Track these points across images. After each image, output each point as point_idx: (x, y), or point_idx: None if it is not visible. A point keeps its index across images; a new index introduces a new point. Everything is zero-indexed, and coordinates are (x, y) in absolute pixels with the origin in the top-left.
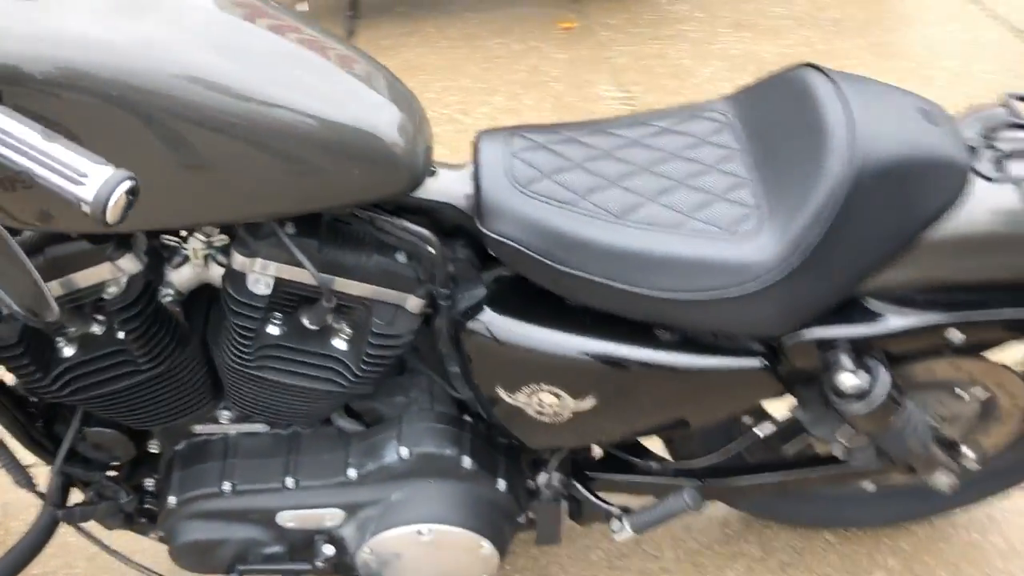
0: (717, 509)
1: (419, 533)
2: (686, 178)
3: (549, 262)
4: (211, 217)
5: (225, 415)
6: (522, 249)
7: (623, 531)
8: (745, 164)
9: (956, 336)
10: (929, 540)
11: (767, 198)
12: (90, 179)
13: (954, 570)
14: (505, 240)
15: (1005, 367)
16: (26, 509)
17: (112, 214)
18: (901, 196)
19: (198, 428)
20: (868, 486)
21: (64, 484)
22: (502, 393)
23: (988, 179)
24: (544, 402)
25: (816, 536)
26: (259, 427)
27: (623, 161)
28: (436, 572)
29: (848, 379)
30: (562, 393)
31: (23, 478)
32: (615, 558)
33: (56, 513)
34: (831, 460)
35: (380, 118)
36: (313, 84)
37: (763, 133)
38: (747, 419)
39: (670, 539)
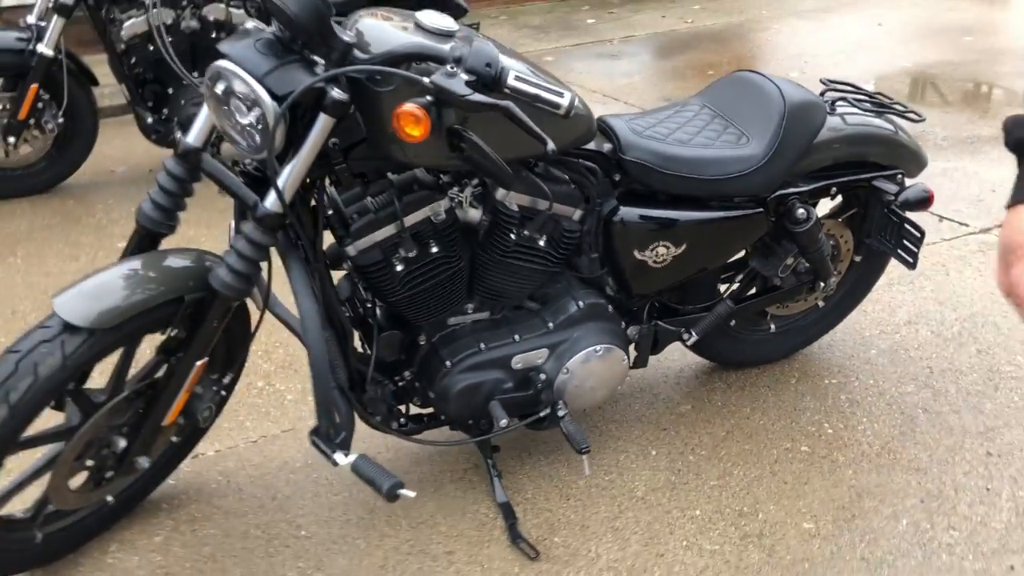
0: (684, 371)
1: (595, 351)
2: (703, 128)
3: (660, 169)
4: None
5: (469, 307)
6: (647, 164)
7: (692, 337)
8: (725, 120)
9: (833, 191)
10: (808, 360)
11: (746, 130)
12: (565, 95)
13: (826, 370)
14: (638, 160)
15: (841, 222)
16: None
17: (572, 113)
18: (805, 122)
19: (451, 320)
20: (772, 327)
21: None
22: (636, 253)
23: (830, 114)
24: (659, 253)
25: (749, 371)
26: (483, 315)
27: (672, 123)
28: (600, 379)
29: (800, 211)
30: (669, 244)
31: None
32: (648, 404)
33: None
34: (772, 290)
35: (585, 103)
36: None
37: (726, 105)
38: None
39: (671, 388)
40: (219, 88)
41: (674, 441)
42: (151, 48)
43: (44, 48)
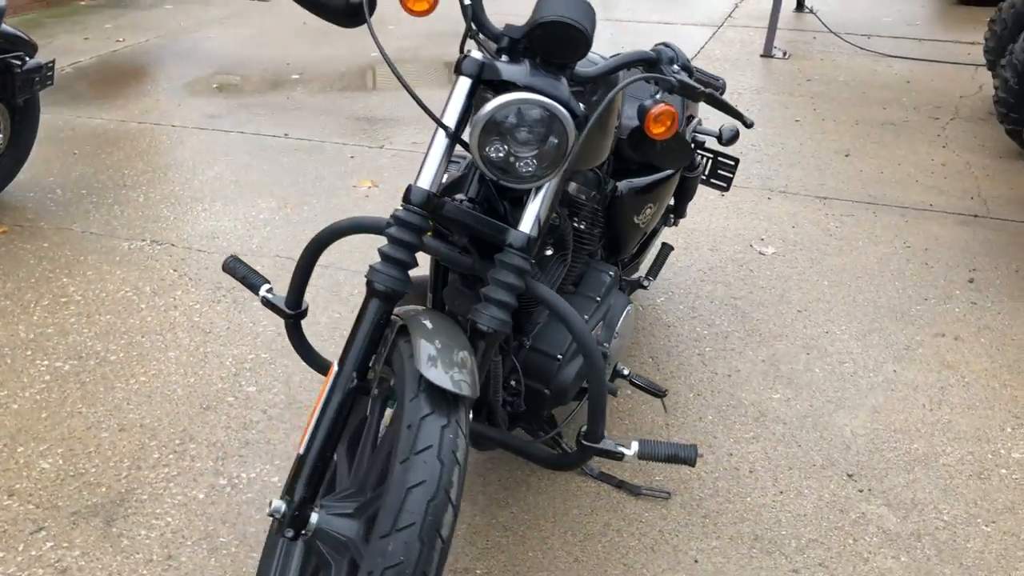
0: None
1: (628, 312)
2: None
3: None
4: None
5: None
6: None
7: (651, 282)
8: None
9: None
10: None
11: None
12: (720, 78)
13: (651, 292)
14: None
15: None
16: None
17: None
18: None
19: (537, 317)
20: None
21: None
22: (634, 217)
23: None
24: (646, 212)
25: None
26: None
27: None
28: (630, 334)
29: (698, 159)
30: (652, 204)
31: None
32: None
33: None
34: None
35: None
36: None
37: None
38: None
39: None
40: (511, 119)
41: None
42: None
43: None
